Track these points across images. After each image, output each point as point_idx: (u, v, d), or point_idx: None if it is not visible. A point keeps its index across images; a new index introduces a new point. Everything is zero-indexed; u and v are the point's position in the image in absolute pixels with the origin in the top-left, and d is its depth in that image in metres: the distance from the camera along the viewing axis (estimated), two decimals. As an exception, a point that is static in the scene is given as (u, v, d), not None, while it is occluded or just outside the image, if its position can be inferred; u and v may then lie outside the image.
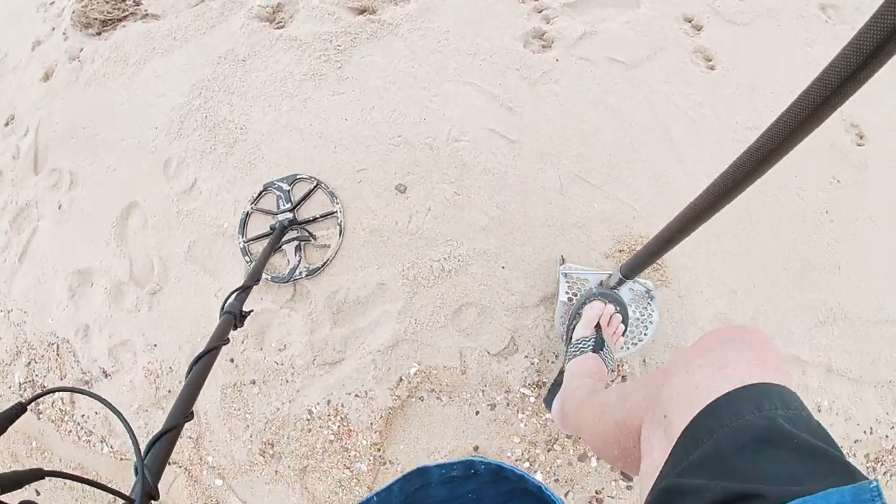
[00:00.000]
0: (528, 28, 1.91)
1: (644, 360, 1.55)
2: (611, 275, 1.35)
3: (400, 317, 1.58)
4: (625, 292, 1.44)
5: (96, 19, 2.20)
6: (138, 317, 1.79)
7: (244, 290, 1.20)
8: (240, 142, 1.83)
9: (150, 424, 1.75)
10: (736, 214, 1.67)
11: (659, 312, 1.46)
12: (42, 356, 1.92)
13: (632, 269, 1.18)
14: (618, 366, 1.54)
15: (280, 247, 1.66)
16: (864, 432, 1.53)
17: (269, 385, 1.64)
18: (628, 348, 1.43)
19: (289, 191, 1.72)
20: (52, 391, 0.66)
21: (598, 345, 1.27)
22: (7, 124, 2.33)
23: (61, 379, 1.88)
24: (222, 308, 1.13)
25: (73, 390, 0.65)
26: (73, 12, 2.26)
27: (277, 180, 1.74)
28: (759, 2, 2.04)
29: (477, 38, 1.89)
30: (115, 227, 1.88)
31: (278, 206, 1.71)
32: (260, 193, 1.75)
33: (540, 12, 1.96)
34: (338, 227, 1.66)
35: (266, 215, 1.73)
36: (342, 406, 1.58)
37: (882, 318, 1.64)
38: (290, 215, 1.67)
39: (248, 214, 1.74)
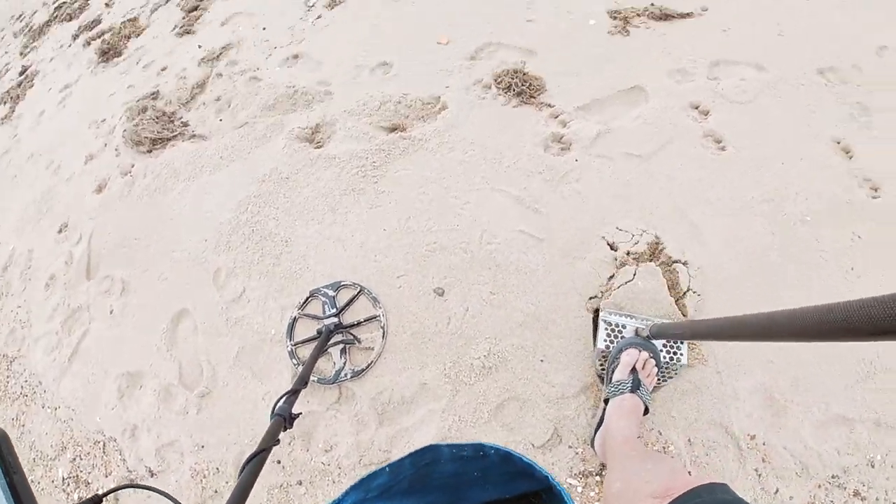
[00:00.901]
0: (546, 133, 2.09)
1: (689, 440, 1.57)
2: (644, 328, 1.54)
3: (444, 415, 1.65)
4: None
5: (147, 138, 2.42)
6: (186, 418, 1.88)
7: (293, 394, 1.28)
8: (285, 254, 1.98)
9: (195, 526, 1.80)
10: (764, 283, 1.73)
11: (688, 355, 1.59)
12: (88, 453, 1.99)
13: (658, 336, 1.41)
14: (664, 447, 1.58)
15: (326, 350, 1.77)
16: (924, 481, 1.49)
17: (315, 486, 1.69)
18: (661, 385, 1.59)
19: (334, 297, 1.85)
20: (132, 486, 0.74)
21: (635, 386, 1.43)
22: (61, 231, 2.50)
23: (106, 476, 1.94)
24: (272, 411, 1.20)
25: (155, 491, 0.73)
26: (125, 130, 2.49)
27: (323, 287, 1.87)
28: (759, 77, 2.19)
29: (500, 146, 2.07)
30: (166, 333, 2.00)
31: (324, 311, 1.83)
32: (307, 299, 1.88)
33: (556, 117, 2.15)
34: (381, 330, 1.78)
35: (312, 320, 1.85)
36: (388, 506, 1.63)
37: (923, 363, 1.61)
38: (335, 320, 1.79)
39: (295, 319, 1.87)
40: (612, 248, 1.84)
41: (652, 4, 2.54)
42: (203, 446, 1.83)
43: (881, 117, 2.12)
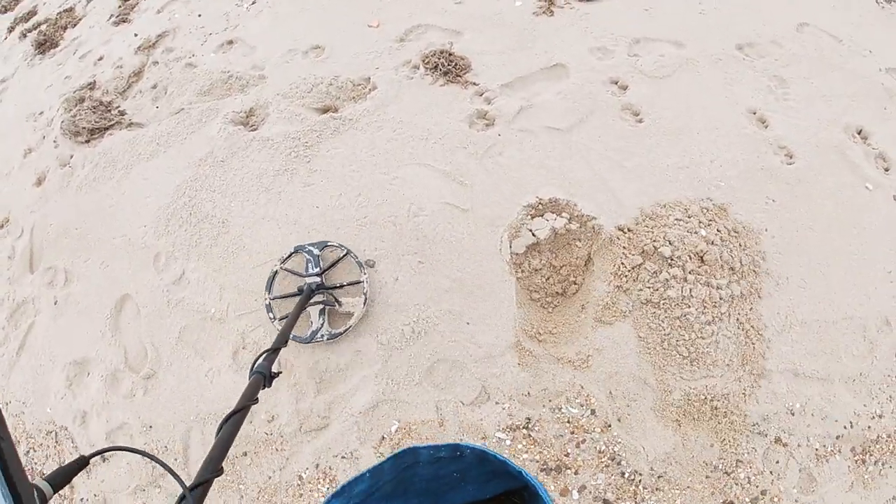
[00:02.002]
0: (471, 110, 2.18)
1: (610, 393, 1.67)
2: None
3: (377, 379, 1.74)
4: None
5: (85, 128, 2.42)
6: (134, 401, 1.92)
7: (273, 352, 1.23)
8: (222, 234, 2.03)
9: (148, 503, 1.85)
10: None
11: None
12: (41, 444, 2.02)
13: None
14: (585, 398, 1.67)
15: (305, 308, 1.74)
16: (844, 427, 1.61)
17: (260, 455, 1.76)
18: None
19: (318, 255, 1.85)
20: (116, 449, 0.73)
21: None
22: (2, 226, 2.50)
23: (60, 465, 1.98)
24: (252, 368, 1.15)
25: (135, 451, 0.73)
26: (63, 122, 2.49)
27: (308, 244, 1.87)
28: (678, 54, 2.30)
29: (427, 124, 2.15)
30: (110, 319, 2.04)
31: (307, 269, 1.83)
32: (290, 254, 1.89)
33: (481, 95, 2.24)
34: (363, 296, 1.80)
35: (293, 276, 1.86)
36: (330, 469, 1.70)
37: (839, 317, 1.74)
38: (318, 279, 1.79)
39: (275, 273, 1.87)
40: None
41: (577, -15, 2.62)
42: (151, 426, 1.88)
43: (798, 89, 2.23)
